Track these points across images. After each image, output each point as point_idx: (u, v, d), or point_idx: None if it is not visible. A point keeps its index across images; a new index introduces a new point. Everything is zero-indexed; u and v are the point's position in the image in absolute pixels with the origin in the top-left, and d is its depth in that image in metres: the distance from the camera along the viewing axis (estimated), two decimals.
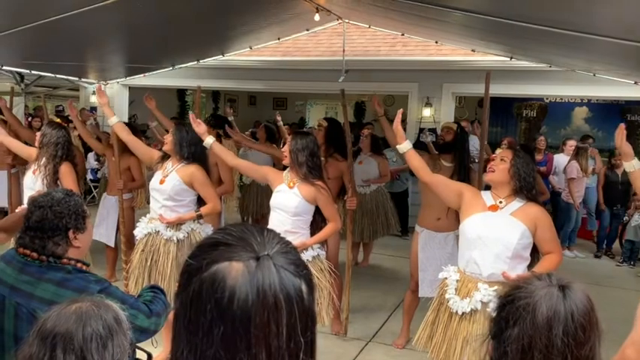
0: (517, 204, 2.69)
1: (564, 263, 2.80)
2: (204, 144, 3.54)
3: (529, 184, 2.69)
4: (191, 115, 3.53)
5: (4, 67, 7.14)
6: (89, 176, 8.55)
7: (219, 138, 4.78)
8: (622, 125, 2.66)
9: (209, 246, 0.80)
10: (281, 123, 6.16)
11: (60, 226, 1.78)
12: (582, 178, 6.87)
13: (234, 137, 5.45)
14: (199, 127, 3.44)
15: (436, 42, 6.82)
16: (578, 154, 6.89)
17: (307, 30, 6.93)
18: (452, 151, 3.94)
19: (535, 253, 2.71)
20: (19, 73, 7.83)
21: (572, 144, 7.32)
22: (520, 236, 2.61)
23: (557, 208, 7.18)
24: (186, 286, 0.77)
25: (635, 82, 5.71)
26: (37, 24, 4.70)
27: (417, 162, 2.92)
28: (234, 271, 0.74)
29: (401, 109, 3.11)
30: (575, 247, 7.20)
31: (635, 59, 4.11)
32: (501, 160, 2.75)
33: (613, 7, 3.04)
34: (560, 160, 7.33)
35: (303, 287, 0.78)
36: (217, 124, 4.76)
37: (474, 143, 5.43)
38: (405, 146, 2.94)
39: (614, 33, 3.39)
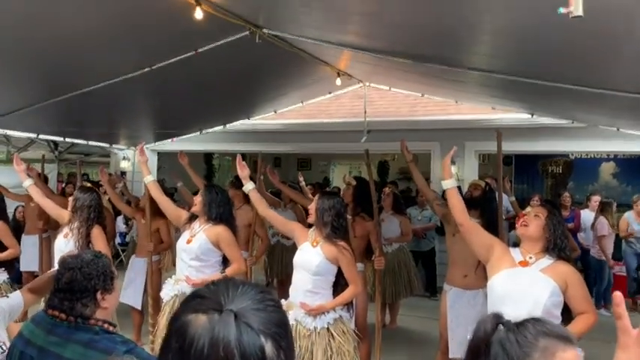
0: (547, 261, 2.64)
1: (602, 323, 2.70)
2: (243, 189, 3.67)
3: (562, 243, 2.65)
4: (238, 157, 3.63)
5: (39, 136, 7.48)
6: (117, 240, 8.68)
7: (246, 198, 4.85)
8: None
9: (190, 298, 0.85)
10: (303, 183, 6.25)
11: (88, 288, 1.82)
12: (612, 234, 6.70)
13: (276, 184, 5.50)
14: (243, 170, 3.57)
15: (456, 101, 6.94)
16: (603, 209, 6.77)
17: (330, 93, 7.15)
18: (479, 207, 3.91)
19: (565, 314, 2.62)
20: (54, 141, 8.18)
21: (596, 199, 7.20)
22: (550, 293, 2.54)
23: (587, 265, 6.97)
24: (167, 333, 0.83)
25: None
26: (72, 95, 4.97)
27: (456, 201, 2.85)
28: (198, 321, 0.78)
29: (455, 147, 3.04)
30: (612, 306, 6.92)
31: None
32: (535, 216, 2.72)
33: (630, 63, 3.08)
34: (586, 216, 7.19)
35: (268, 347, 0.78)
36: (242, 185, 4.85)
37: (504, 202, 5.40)
38: (449, 183, 2.87)
39: (633, 88, 3.42)
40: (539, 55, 3.22)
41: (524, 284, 2.58)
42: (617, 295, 1.07)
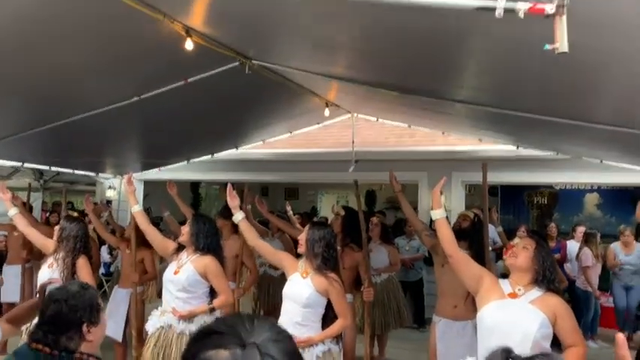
0: (536, 293, 2.64)
1: (591, 355, 2.69)
2: (233, 218, 3.64)
3: (551, 275, 2.66)
4: (229, 187, 3.61)
5: (24, 165, 7.40)
6: (101, 270, 8.54)
7: (234, 228, 4.82)
8: None
9: (203, 334, 0.83)
10: (291, 213, 6.23)
11: (74, 320, 1.78)
12: (597, 265, 6.75)
13: (264, 214, 5.46)
14: (234, 200, 3.56)
15: (443, 132, 7.03)
16: (587, 240, 6.83)
17: (318, 123, 7.21)
18: (468, 239, 3.92)
19: (554, 346, 2.61)
20: (39, 170, 8.10)
21: (581, 230, 7.27)
22: (540, 325, 2.54)
23: (573, 296, 6.99)
24: None
25: None
26: (58, 124, 4.95)
27: (446, 231, 2.85)
28: (220, 357, 0.76)
29: (445, 177, 3.06)
30: (598, 337, 6.92)
31: (639, 147, 4.20)
32: (524, 247, 2.73)
33: (611, 97, 3.16)
34: (572, 247, 7.25)
35: None
36: (230, 215, 4.83)
37: (491, 233, 5.42)
38: (438, 213, 2.88)
39: (616, 122, 3.50)
40: (524, 88, 3.29)
41: (513, 316, 2.58)
42: (620, 338, 1.06)
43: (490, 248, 5.96)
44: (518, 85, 3.25)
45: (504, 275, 2.89)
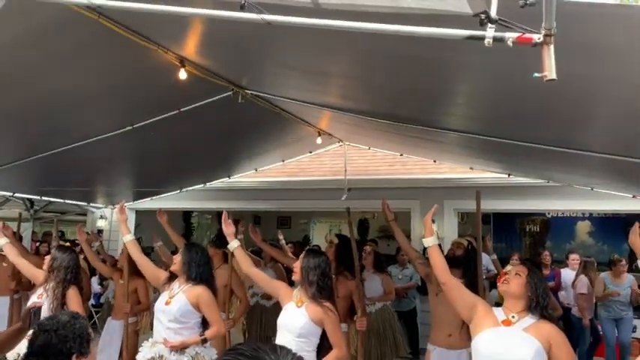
0: (530, 320, 2.62)
1: None
2: (228, 246, 3.60)
3: (545, 301, 2.65)
4: (224, 214, 3.59)
5: (15, 195, 7.36)
6: (91, 301, 8.40)
7: (225, 257, 4.79)
8: (637, 224, 2.74)
9: None
10: (283, 242, 6.20)
11: (64, 351, 1.75)
12: (592, 293, 6.71)
13: (258, 243, 5.40)
14: (229, 228, 3.53)
15: (434, 161, 7.08)
16: (585, 267, 6.81)
17: (310, 152, 7.24)
18: (461, 267, 3.91)
19: None
20: (30, 200, 8.04)
21: (574, 257, 7.27)
22: (534, 354, 2.51)
23: (568, 324, 6.94)
24: None
25: (634, 196, 5.81)
26: (49, 154, 4.94)
27: (438, 259, 2.84)
28: None
29: (436, 205, 3.08)
30: None
31: (631, 174, 4.24)
32: (516, 274, 2.73)
33: (601, 125, 3.21)
34: (566, 275, 7.23)
35: None
36: (222, 244, 4.81)
37: (483, 261, 5.41)
38: (430, 240, 2.87)
39: (609, 150, 3.53)
40: (514, 117, 3.34)
41: (507, 344, 2.56)
42: None
43: (484, 277, 5.96)
44: (509, 113, 3.29)
45: (499, 304, 2.87)
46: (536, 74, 1.32)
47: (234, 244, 3.53)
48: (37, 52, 3.02)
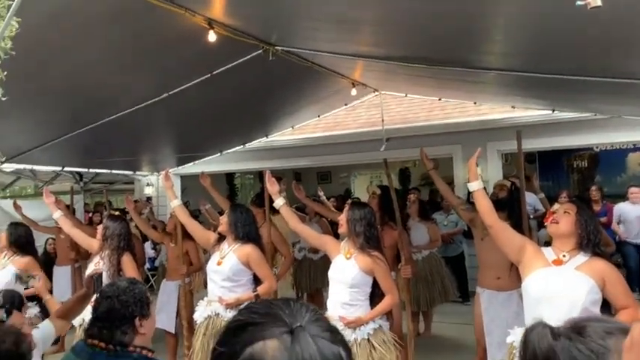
0: (582, 258, 2.58)
1: None
2: (274, 204, 3.65)
3: (596, 238, 2.59)
4: (267, 173, 3.63)
5: (64, 169, 7.63)
6: (146, 265, 8.77)
7: (265, 216, 4.87)
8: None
9: (237, 329, 0.76)
10: (324, 198, 6.23)
11: (127, 315, 1.84)
12: None
13: (302, 200, 5.49)
14: (273, 186, 3.56)
15: (474, 102, 6.89)
16: None
17: (345, 104, 7.16)
18: (506, 209, 3.85)
19: (604, 311, 2.54)
20: (79, 173, 8.33)
21: (633, 191, 7.05)
22: (588, 291, 2.48)
23: (627, 258, 6.81)
24: None
25: None
26: (92, 126, 5.07)
27: (484, 202, 2.81)
28: (271, 350, 0.71)
29: (480, 148, 3.04)
30: None
31: None
32: (565, 212, 2.66)
33: None
34: (626, 208, 7.04)
35: (342, 353, 0.75)
36: (263, 203, 4.88)
37: (530, 200, 5.32)
38: (476, 185, 2.84)
39: None
40: (557, 49, 3.18)
41: (559, 284, 2.53)
42: None
43: (531, 216, 5.87)
44: (551, 46, 3.14)
45: (548, 244, 2.83)
46: (579, 2, 1.24)
47: (279, 202, 3.57)
48: (72, 25, 3.05)
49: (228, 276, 3.55)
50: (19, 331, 1.91)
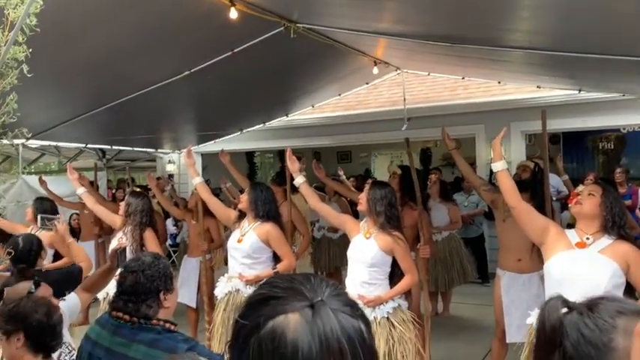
0: (606, 241, 2.54)
1: None
2: (294, 182, 3.65)
3: (621, 220, 2.54)
4: (288, 151, 3.64)
5: (88, 146, 7.74)
6: (168, 241, 8.90)
7: (285, 194, 4.89)
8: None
9: (259, 302, 0.77)
10: (344, 177, 6.21)
11: (152, 289, 1.88)
12: None
13: (322, 179, 5.50)
14: (294, 164, 3.57)
15: (498, 82, 6.77)
16: None
17: (367, 83, 7.10)
18: (529, 190, 3.79)
19: (628, 295, 2.51)
20: (102, 150, 8.45)
21: None
22: (611, 275, 2.44)
23: None
24: (243, 348, 0.75)
25: None
26: (115, 103, 5.12)
27: (508, 183, 2.77)
28: (292, 323, 0.72)
29: (505, 128, 3.00)
30: None
31: None
32: (589, 194, 2.62)
33: None
34: None
35: (363, 327, 0.76)
36: (283, 181, 4.90)
37: (553, 182, 5.23)
38: (500, 165, 2.80)
39: None
40: (584, 26, 3.09)
41: (582, 267, 2.49)
42: None
43: (554, 198, 5.78)
44: (578, 23, 3.05)
45: (571, 226, 2.79)
46: None
47: (299, 181, 3.57)
48: (95, 2, 3.06)
49: (248, 253, 3.59)
50: (49, 303, 1.96)
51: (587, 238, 2.57)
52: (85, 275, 2.74)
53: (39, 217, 4.28)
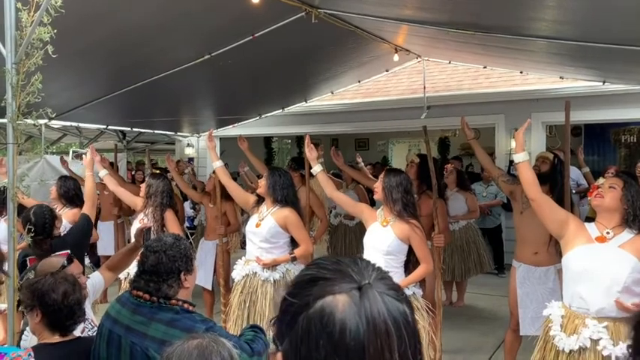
0: (627, 235, 2.51)
1: None
2: (312, 171, 3.69)
3: None
4: (307, 138, 3.65)
5: (108, 127, 7.83)
6: (186, 224, 9.00)
7: (303, 179, 4.90)
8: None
9: (307, 282, 0.79)
10: (362, 164, 6.20)
11: (173, 269, 1.91)
12: None
13: (340, 166, 5.51)
14: (312, 152, 3.60)
15: (521, 72, 6.67)
16: None
17: (387, 70, 7.05)
18: (548, 182, 3.75)
19: None
20: (122, 132, 8.55)
21: None
22: (631, 270, 2.41)
23: None
24: (291, 325, 0.77)
25: None
26: (136, 86, 5.16)
27: (529, 174, 2.76)
28: (341, 303, 0.74)
29: (529, 119, 2.98)
30: None
31: None
32: (610, 187, 2.58)
33: None
34: None
35: (407, 310, 0.78)
36: (300, 166, 4.91)
37: (573, 175, 5.16)
38: (521, 156, 2.78)
39: None
40: (609, 17, 3.03)
41: (601, 261, 2.47)
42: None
43: (574, 191, 5.71)
44: (604, 13, 2.99)
45: (590, 219, 2.76)
46: None
47: (317, 169, 3.59)
48: None
49: (265, 238, 3.62)
50: (73, 281, 2.00)
51: (608, 233, 2.55)
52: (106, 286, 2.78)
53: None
